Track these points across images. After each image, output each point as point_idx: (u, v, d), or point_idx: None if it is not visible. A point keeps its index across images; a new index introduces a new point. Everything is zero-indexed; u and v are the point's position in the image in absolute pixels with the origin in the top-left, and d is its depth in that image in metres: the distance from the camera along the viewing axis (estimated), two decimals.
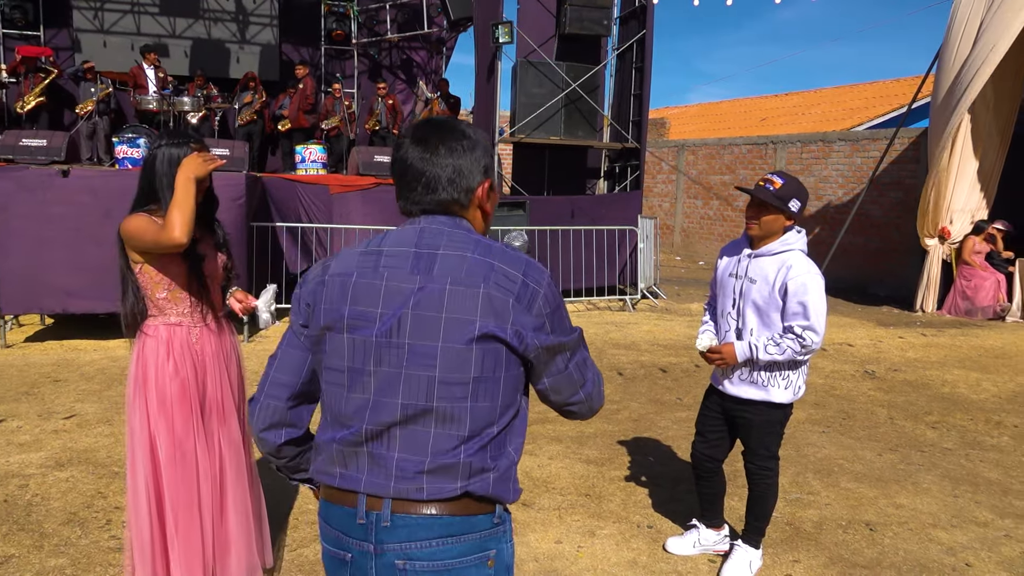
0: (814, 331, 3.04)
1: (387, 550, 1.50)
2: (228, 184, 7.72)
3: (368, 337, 1.50)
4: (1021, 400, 6.39)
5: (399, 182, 1.61)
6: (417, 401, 1.49)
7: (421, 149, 1.56)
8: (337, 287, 1.54)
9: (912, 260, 11.44)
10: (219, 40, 12.74)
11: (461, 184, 1.58)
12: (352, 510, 1.53)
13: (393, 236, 1.59)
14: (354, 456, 1.53)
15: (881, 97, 20.65)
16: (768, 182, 3.07)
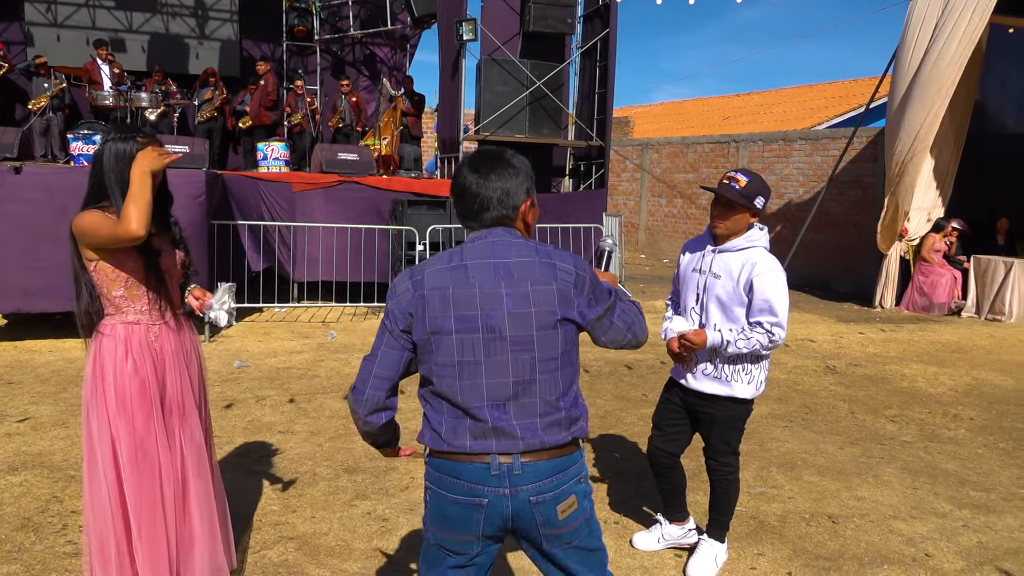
0: (781, 327, 3.07)
1: (521, 491, 1.96)
2: (188, 181, 7.58)
3: (475, 335, 1.93)
4: (976, 393, 6.53)
5: (459, 203, 2.04)
6: (523, 377, 1.96)
7: (476, 176, 2.00)
8: (438, 299, 1.95)
9: (871, 257, 11.65)
10: (178, 35, 12.51)
11: (508, 203, 2.01)
12: (485, 465, 1.95)
13: (469, 251, 1.99)
14: (480, 429, 1.95)
15: (840, 97, 21.00)
16: (733, 180, 3.07)
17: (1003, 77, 11.97)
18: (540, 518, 1.98)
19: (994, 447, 5.20)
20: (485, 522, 1.98)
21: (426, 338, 1.96)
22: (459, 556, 2.03)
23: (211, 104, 11.60)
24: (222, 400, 5.67)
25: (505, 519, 1.98)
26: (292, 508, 3.91)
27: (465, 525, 1.98)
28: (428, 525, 2.06)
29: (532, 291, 1.94)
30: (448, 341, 1.94)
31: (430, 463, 2.03)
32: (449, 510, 1.99)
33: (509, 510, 1.97)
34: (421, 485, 4.22)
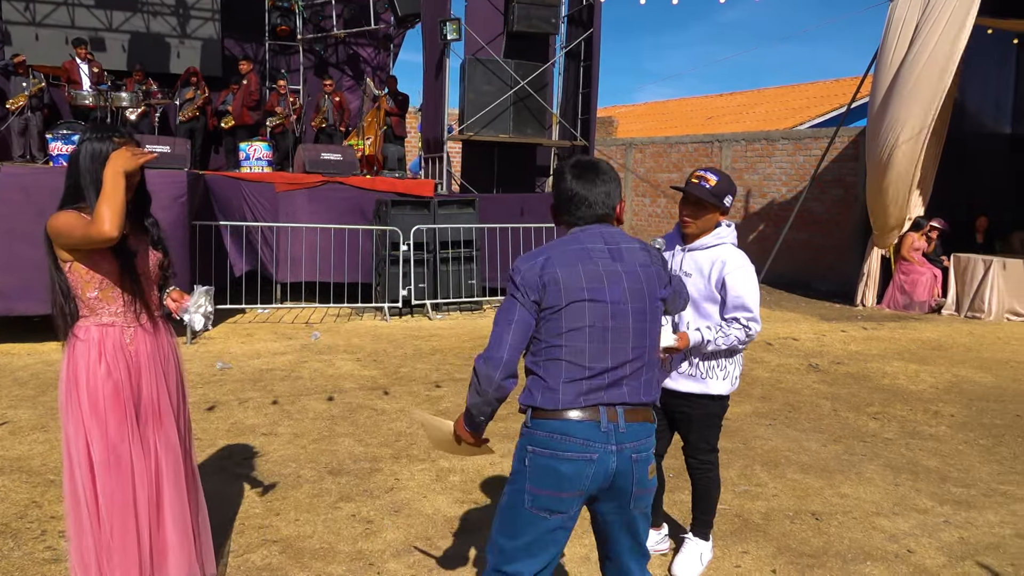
0: (756, 321, 3.12)
1: (625, 448, 2.22)
2: (169, 182, 7.52)
3: (604, 303, 2.22)
4: (957, 390, 6.59)
5: (568, 204, 2.34)
6: (638, 344, 2.26)
7: (582, 183, 2.33)
8: (569, 273, 2.22)
9: (853, 256, 11.73)
10: (158, 34, 12.40)
11: (609, 204, 2.34)
12: (595, 422, 2.20)
13: (585, 238, 2.30)
14: (597, 387, 2.21)
15: (822, 97, 21.14)
16: (703, 179, 3.09)
17: (982, 77, 12.09)
18: (637, 475, 2.25)
19: (974, 443, 5.25)
20: (593, 477, 2.20)
21: (558, 305, 2.20)
22: (560, 515, 2.22)
23: (193, 104, 11.50)
24: (204, 402, 5.62)
25: (609, 475, 2.21)
26: (276, 511, 3.89)
27: (576, 481, 2.19)
28: (529, 489, 2.23)
29: (641, 271, 2.30)
30: (580, 308, 2.20)
31: (537, 426, 2.23)
32: (562, 467, 2.19)
33: (614, 466, 2.21)
34: (406, 487, 4.22)
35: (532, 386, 2.26)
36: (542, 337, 2.24)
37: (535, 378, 2.26)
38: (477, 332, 8.49)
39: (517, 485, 2.27)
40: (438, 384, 6.31)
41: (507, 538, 2.27)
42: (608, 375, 2.22)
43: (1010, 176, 12.44)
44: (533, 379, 2.27)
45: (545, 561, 2.28)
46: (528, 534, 2.24)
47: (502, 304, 2.29)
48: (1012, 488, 4.45)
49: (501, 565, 2.29)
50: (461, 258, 9.61)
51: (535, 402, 2.23)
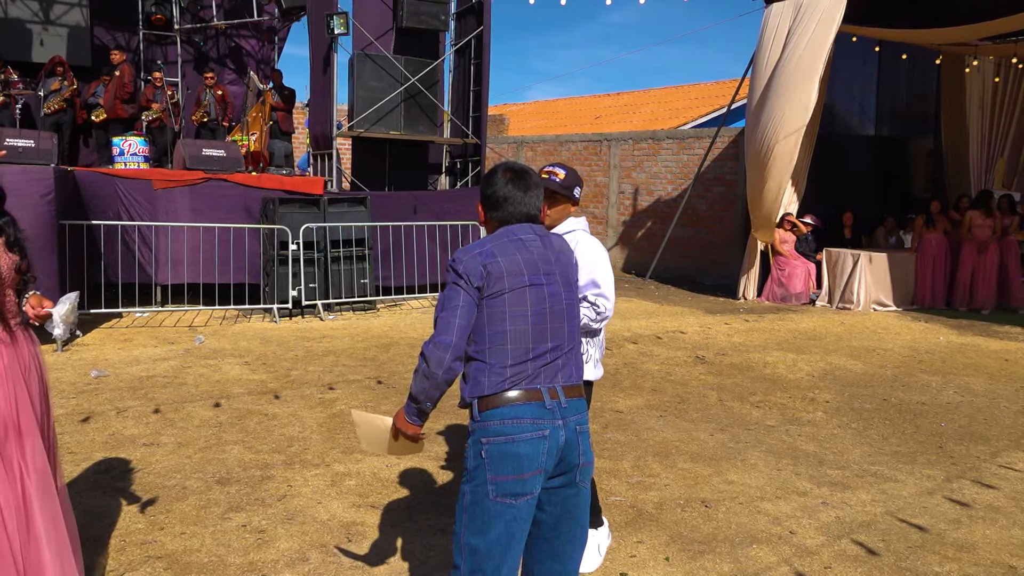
0: (605, 298, 3.22)
1: (569, 421, 2.36)
2: (34, 179, 7.02)
3: (541, 288, 2.38)
4: (831, 378, 6.99)
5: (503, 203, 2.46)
6: (571, 324, 2.45)
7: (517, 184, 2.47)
8: (509, 262, 2.35)
9: (735, 251, 12.26)
10: (18, 20, 11.53)
11: (537, 206, 2.50)
12: (541, 402, 2.33)
13: (520, 231, 2.44)
14: (540, 368, 2.35)
15: (704, 98, 21.97)
16: (552, 174, 3.29)
17: (848, 82, 12.87)
18: (582, 447, 2.39)
19: (847, 427, 5.58)
20: (548, 452, 2.30)
21: (501, 291, 2.32)
22: (525, 498, 2.30)
23: (59, 95, 10.79)
24: (78, 413, 5.29)
25: (560, 447, 2.32)
26: (160, 525, 3.69)
27: (534, 459, 2.29)
28: (491, 480, 2.28)
29: (566, 258, 2.50)
30: (522, 293, 2.34)
31: (487, 417, 2.31)
32: (519, 448, 2.28)
33: (563, 438, 2.33)
34: (299, 494, 4.10)
35: (476, 374, 2.34)
36: (485, 323, 2.33)
37: (479, 364, 2.34)
38: (371, 332, 8.35)
39: (477, 480, 2.31)
40: (331, 386, 6.17)
41: (479, 536, 2.29)
42: (549, 356, 2.36)
43: (873, 175, 13.31)
44: (477, 366, 2.34)
45: (519, 553, 2.35)
46: (498, 525, 2.28)
47: (444, 294, 2.37)
48: (882, 468, 4.76)
49: (481, 564, 2.29)
50: (353, 257, 9.44)
51: (482, 389, 2.32)
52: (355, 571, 3.33)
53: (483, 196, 2.52)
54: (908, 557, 3.60)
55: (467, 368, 2.38)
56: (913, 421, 5.76)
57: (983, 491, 4.42)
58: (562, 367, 2.40)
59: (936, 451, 5.11)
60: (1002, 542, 3.78)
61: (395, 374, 6.62)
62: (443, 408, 5.68)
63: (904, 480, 4.57)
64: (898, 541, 3.76)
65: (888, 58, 13.07)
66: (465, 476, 2.37)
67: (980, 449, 5.16)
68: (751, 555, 3.58)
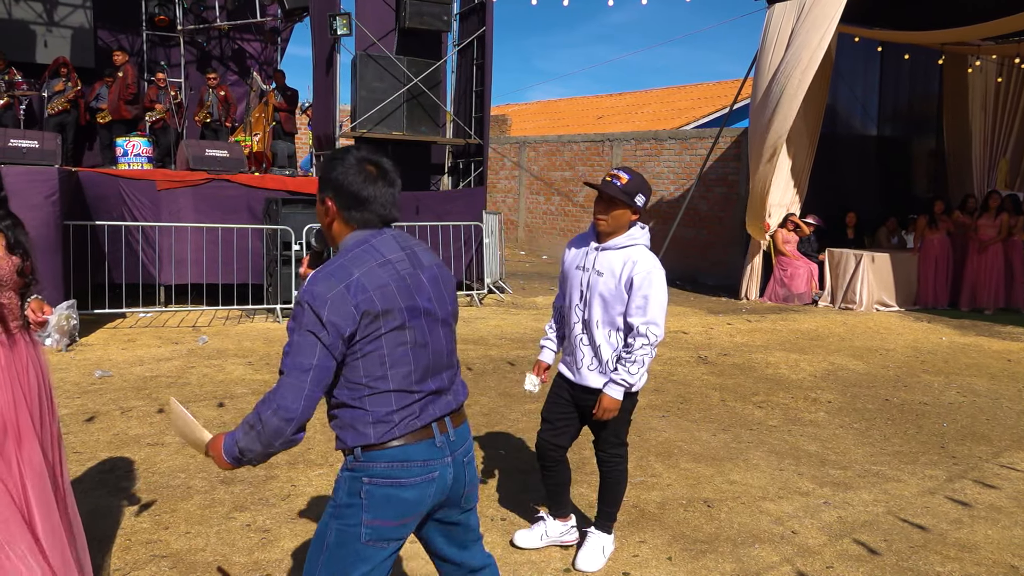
0: (656, 324, 3.17)
1: (456, 454, 2.17)
2: (39, 179, 7.04)
3: (419, 321, 2.09)
4: (833, 378, 7.00)
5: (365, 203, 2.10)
6: (451, 350, 2.21)
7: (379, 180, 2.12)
8: (384, 296, 2.01)
9: (736, 251, 12.26)
10: (22, 21, 11.57)
11: (399, 205, 2.19)
12: (431, 439, 2.09)
13: (384, 248, 2.10)
14: (426, 405, 2.10)
15: (706, 98, 21.97)
16: (615, 178, 3.17)
17: (850, 82, 12.87)
18: (468, 476, 2.22)
19: (849, 427, 5.59)
20: (434, 495, 2.12)
21: (377, 333, 2.01)
22: (398, 542, 2.11)
23: (63, 96, 10.82)
24: (83, 413, 5.31)
25: (446, 487, 2.15)
26: (164, 525, 3.71)
27: (419, 504, 2.10)
28: (367, 523, 2.04)
29: (438, 272, 2.21)
30: (401, 331, 2.05)
31: (372, 458, 2.04)
32: (405, 494, 2.06)
33: (451, 475, 2.15)
34: (303, 493, 4.11)
35: (356, 423, 2.04)
36: (361, 372, 2.02)
37: (360, 412, 2.04)
38: None
39: (349, 520, 2.05)
40: None
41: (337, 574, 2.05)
42: (436, 389, 2.14)
43: (876, 175, 13.31)
44: (357, 414, 2.04)
45: None
46: (362, 568, 2.05)
47: (295, 340, 1.97)
48: (884, 468, 4.76)
49: None
50: None
51: (368, 439, 2.03)
52: None
53: (338, 190, 2.10)
54: (910, 557, 3.61)
55: (340, 414, 2.08)
56: (915, 421, 5.76)
57: (985, 491, 4.43)
58: (450, 396, 2.19)
59: (938, 451, 5.12)
60: (1004, 542, 3.79)
61: None
62: None
63: (906, 480, 4.57)
64: (900, 541, 3.76)
65: (890, 58, 13.07)
66: (332, 511, 2.10)
67: (982, 449, 5.17)
68: (753, 555, 3.60)
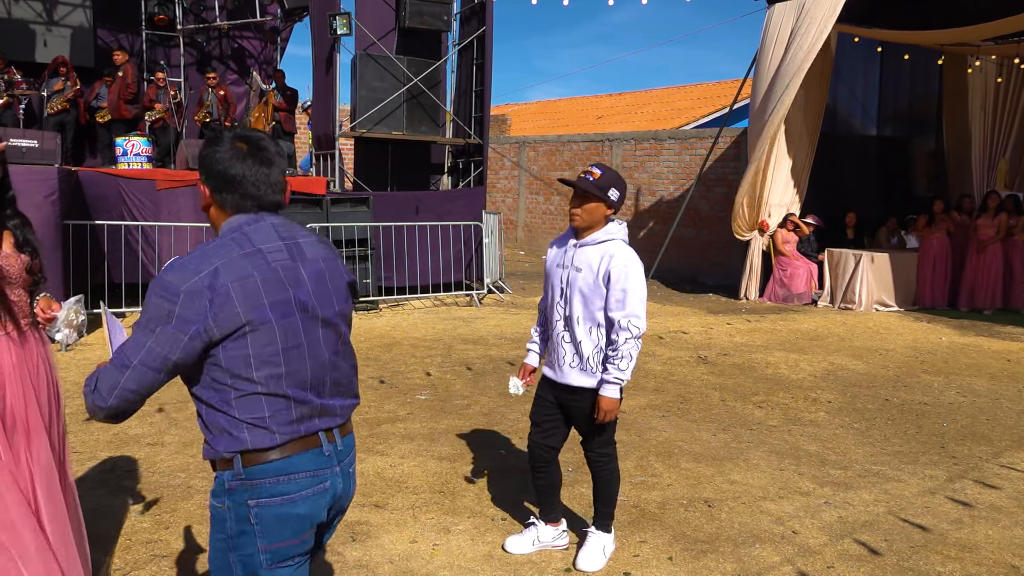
0: (637, 316, 3.18)
1: (343, 464, 2.03)
2: (38, 179, 7.04)
3: (292, 318, 1.89)
4: (833, 378, 7.00)
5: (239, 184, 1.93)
6: (335, 352, 2.00)
7: (256, 160, 1.94)
8: (246, 289, 1.82)
9: (736, 251, 12.26)
10: (22, 20, 11.56)
11: (282, 189, 2.01)
12: (318, 448, 1.95)
13: (258, 237, 1.91)
14: (309, 411, 1.93)
15: (705, 98, 21.98)
16: (588, 173, 3.22)
17: (850, 82, 12.88)
18: (353, 488, 2.11)
19: (849, 427, 5.59)
20: (325, 506, 1.99)
21: (239, 331, 1.81)
22: (301, 557, 1.97)
23: (62, 96, 10.81)
24: (82, 412, 5.30)
25: (336, 497, 2.02)
26: (165, 524, 3.71)
27: (315, 516, 1.96)
28: (264, 549, 1.87)
29: (324, 265, 2.00)
30: (269, 329, 1.84)
31: (255, 474, 1.86)
32: (299, 509, 1.90)
33: (340, 487, 2.02)
34: None
35: (230, 428, 1.85)
36: (227, 370, 1.83)
37: (230, 419, 1.85)
38: (373, 332, 8.37)
39: (246, 550, 1.88)
40: None
41: None
42: (316, 394, 1.95)
43: (876, 175, 13.32)
44: (228, 420, 1.85)
45: None
46: None
47: (136, 331, 1.81)
48: (884, 468, 4.76)
49: None
50: (356, 257, 9.45)
51: (244, 444, 1.85)
52: (359, 570, 3.35)
53: (208, 171, 1.93)
54: (911, 557, 3.61)
55: (208, 417, 1.89)
56: (915, 421, 5.76)
57: (985, 491, 4.43)
58: (335, 402, 2.01)
59: (938, 451, 5.12)
60: (1004, 542, 3.79)
61: (398, 374, 6.63)
62: (445, 408, 5.70)
63: (906, 480, 4.57)
64: (900, 541, 3.76)
65: (890, 59, 13.07)
66: (225, 542, 1.90)
67: (982, 449, 5.17)
68: (754, 555, 3.60)
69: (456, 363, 7.07)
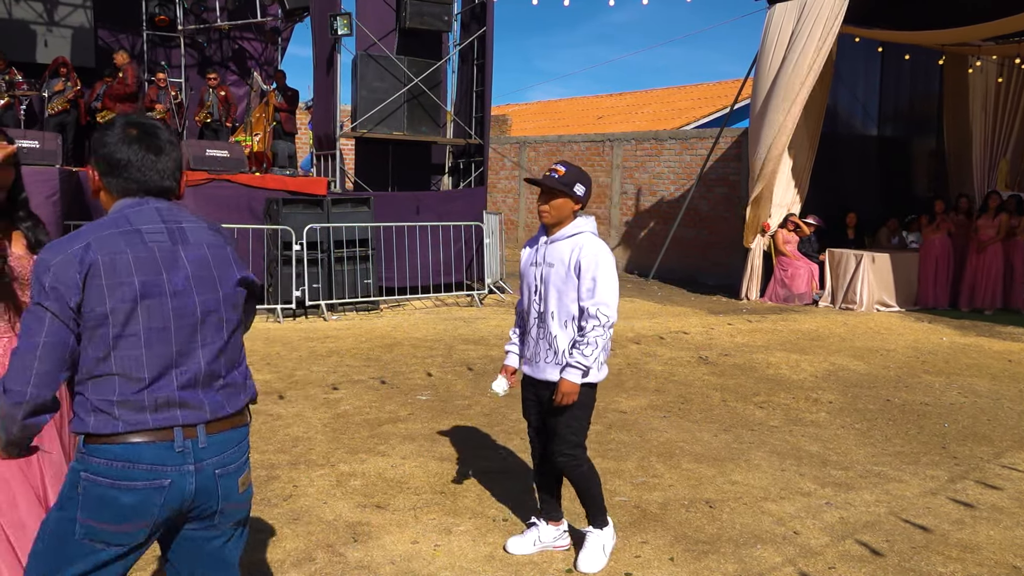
0: (606, 305, 3.21)
1: (206, 465, 1.91)
2: (40, 179, 7.06)
3: (162, 299, 1.86)
4: (834, 378, 7.00)
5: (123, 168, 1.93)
6: (214, 340, 1.94)
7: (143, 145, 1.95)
8: (116, 265, 1.82)
9: (737, 251, 12.26)
10: (22, 20, 11.56)
11: (174, 176, 2.01)
12: (168, 443, 1.86)
13: (135, 217, 1.91)
14: (165, 400, 1.86)
15: (706, 98, 21.97)
16: (553, 171, 3.31)
17: (851, 83, 12.88)
18: (223, 491, 1.96)
19: (851, 428, 5.58)
20: (164, 505, 1.87)
21: (103, 308, 1.81)
22: (119, 547, 1.87)
23: (63, 96, 10.82)
24: None
25: (186, 498, 1.90)
26: None
27: (142, 512, 1.85)
28: (81, 520, 1.85)
29: (210, 252, 1.98)
30: (133, 308, 1.83)
31: (93, 451, 1.84)
32: (123, 498, 1.83)
33: (192, 487, 1.90)
34: (305, 494, 4.11)
35: (79, 409, 1.86)
36: (89, 348, 1.82)
37: (81, 399, 1.85)
38: (374, 333, 8.37)
39: (68, 513, 1.86)
40: (335, 387, 6.18)
41: (50, 570, 1.86)
42: (178, 384, 1.89)
43: (877, 175, 13.31)
44: (80, 400, 1.86)
45: None
46: (78, 566, 1.86)
47: (25, 317, 1.83)
48: (885, 469, 4.76)
49: None
50: (356, 257, 9.46)
51: (86, 427, 1.84)
52: (361, 571, 3.35)
53: (98, 155, 1.95)
54: (912, 557, 3.61)
55: (76, 395, 1.90)
56: (916, 422, 5.76)
57: (987, 492, 4.43)
58: (205, 396, 1.93)
59: (939, 452, 5.12)
60: (1006, 542, 3.79)
61: (399, 374, 6.63)
62: (447, 408, 5.70)
63: (908, 481, 4.57)
64: (902, 541, 3.76)
65: (891, 59, 13.07)
66: (58, 501, 1.92)
67: (983, 450, 5.17)
68: (755, 555, 3.59)
69: (457, 363, 7.07)
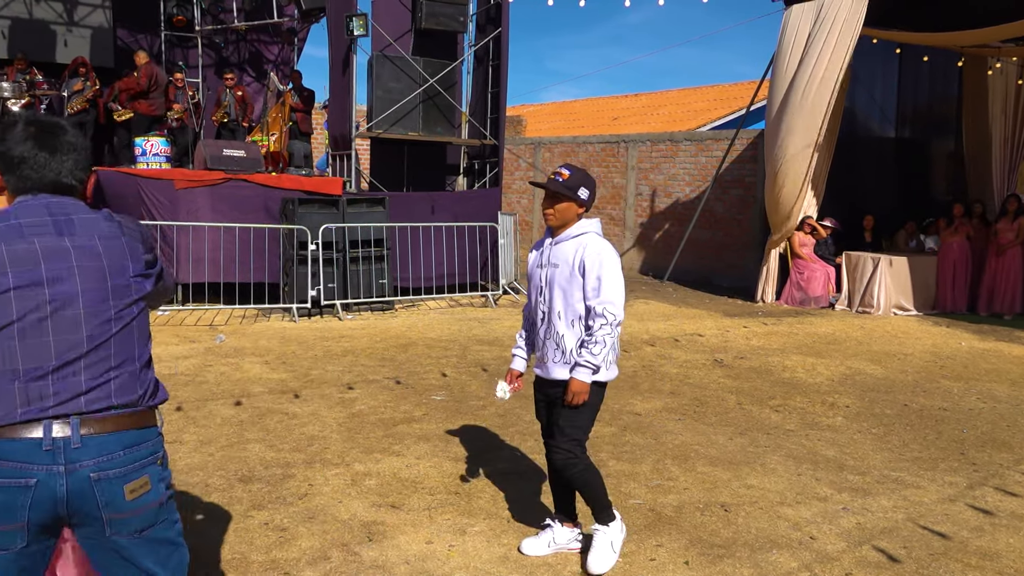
0: (612, 303, 3.23)
1: (80, 467, 1.81)
2: None
3: (39, 289, 1.82)
4: (851, 382, 6.95)
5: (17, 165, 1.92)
6: (101, 334, 1.87)
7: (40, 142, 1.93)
8: None
9: (752, 254, 12.21)
10: (43, 21, 11.69)
11: (73, 174, 1.98)
12: (35, 440, 1.78)
13: (24, 212, 1.89)
14: (37, 395, 1.80)
15: (722, 100, 21.88)
16: (558, 174, 3.33)
17: (869, 84, 12.79)
18: (103, 498, 1.84)
19: (868, 432, 5.54)
20: (33, 507, 1.79)
21: None
22: (3, 552, 1.82)
23: (82, 96, 10.91)
24: None
25: (57, 501, 1.81)
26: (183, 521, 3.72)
27: (10, 512, 1.78)
28: None
29: (101, 244, 1.92)
30: (6, 299, 1.80)
31: None
32: None
33: (64, 489, 1.80)
34: (320, 492, 4.12)
35: None
36: None
37: None
38: (389, 332, 8.39)
39: None
40: (351, 386, 6.20)
41: None
42: (53, 378, 1.83)
43: (894, 178, 13.21)
44: None
45: None
46: None
47: None
48: (903, 474, 4.72)
49: None
50: (371, 257, 9.49)
51: None
52: (376, 571, 3.35)
53: None
54: (930, 565, 3.57)
55: None
56: (935, 427, 5.71)
57: (1006, 499, 4.38)
58: (84, 394, 1.85)
59: (958, 457, 5.07)
60: None
61: (413, 374, 6.64)
62: (461, 409, 5.70)
63: (926, 487, 4.53)
64: (920, 548, 3.73)
65: (909, 60, 12.97)
66: None
67: (1003, 456, 5.11)
68: (771, 560, 3.57)
69: (471, 364, 7.08)
